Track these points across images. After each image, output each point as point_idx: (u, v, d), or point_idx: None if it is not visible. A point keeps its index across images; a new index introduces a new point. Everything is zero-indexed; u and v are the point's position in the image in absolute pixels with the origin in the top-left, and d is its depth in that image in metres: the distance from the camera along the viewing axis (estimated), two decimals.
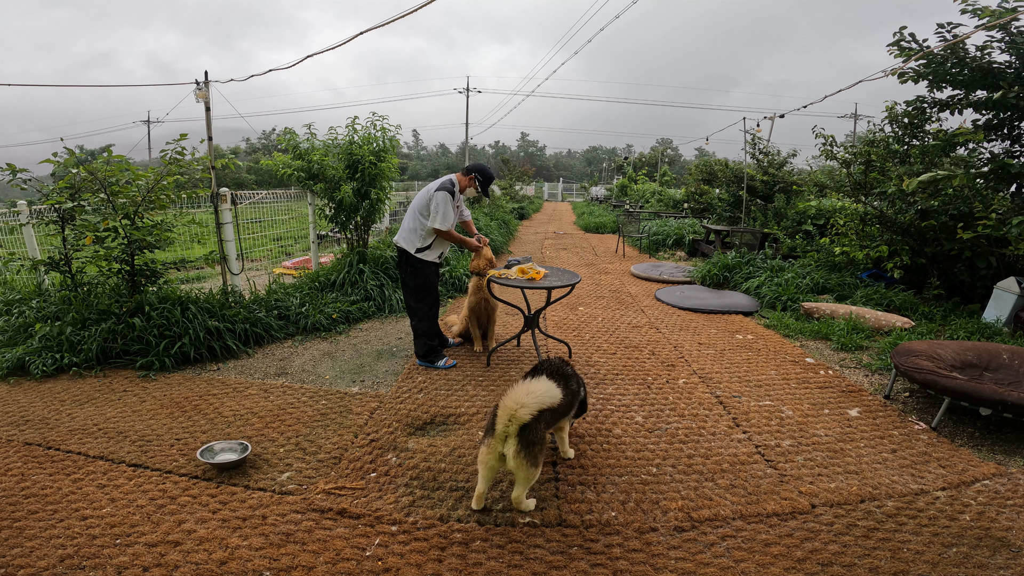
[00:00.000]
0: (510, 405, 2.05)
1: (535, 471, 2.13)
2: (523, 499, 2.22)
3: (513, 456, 2.06)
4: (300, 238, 8.74)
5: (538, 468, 2.15)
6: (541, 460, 2.16)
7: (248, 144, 50.00)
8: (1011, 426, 2.95)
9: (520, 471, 2.10)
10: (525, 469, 2.09)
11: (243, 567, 1.89)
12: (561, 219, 19.71)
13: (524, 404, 2.03)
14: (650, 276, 7.57)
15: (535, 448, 2.10)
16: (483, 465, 2.16)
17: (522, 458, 2.06)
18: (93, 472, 2.50)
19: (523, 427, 2.06)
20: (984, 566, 1.89)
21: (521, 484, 2.17)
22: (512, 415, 2.04)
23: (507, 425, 2.06)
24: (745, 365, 4.01)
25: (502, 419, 2.06)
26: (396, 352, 4.28)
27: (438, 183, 3.77)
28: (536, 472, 2.14)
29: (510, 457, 2.07)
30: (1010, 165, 4.81)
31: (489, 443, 2.11)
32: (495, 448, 2.09)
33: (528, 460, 2.08)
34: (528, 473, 2.11)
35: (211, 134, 4.66)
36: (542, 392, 2.07)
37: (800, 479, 2.47)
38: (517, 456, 2.06)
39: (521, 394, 2.06)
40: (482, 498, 2.23)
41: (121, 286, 4.32)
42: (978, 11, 4.82)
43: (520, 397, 2.05)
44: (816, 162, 11.02)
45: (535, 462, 2.11)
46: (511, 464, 2.09)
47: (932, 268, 5.68)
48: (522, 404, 2.03)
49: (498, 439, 2.08)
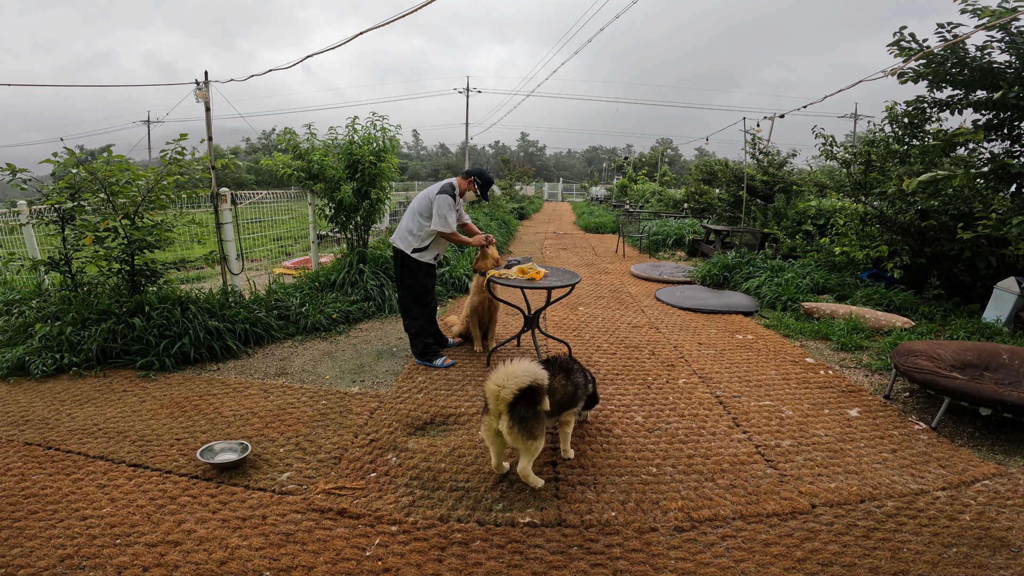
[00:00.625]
0: (492, 387, 2.20)
1: (534, 443, 2.25)
2: (529, 472, 2.33)
3: (507, 431, 2.21)
4: (300, 238, 8.74)
5: (537, 440, 2.26)
6: (540, 432, 2.27)
7: (248, 144, 49.99)
8: (1011, 426, 2.95)
9: (518, 444, 2.25)
10: (523, 442, 2.23)
11: (243, 567, 1.89)
12: (561, 219, 19.71)
13: (504, 385, 2.16)
14: (650, 276, 7.57)
15: (529, 422, 2.22)
16: (486, 439, 2.35)
17: (516, 432, 2.20)
18: (93, 472, 2.50)
19: (512, 404, 2.19)
20: (984, 566, 1.89)
21: (525, 456, 2.30)
22: (496, 395, 2.18)
23: (496, 404, 2.21)
24: (745, 365, 4.01)
25: (491, 400, 2.22)
26: (396, 352, 4.28)
27: (439, 187, 3.78)
28: (536, 444, 2.26)
29: (504, 433, 2.23)
30: (1010, 165, 4.81)
31: (485, 420, 2.29)
32: (491, 425, 2.27)
33: (523, 434, 2.21)
34: (527, 445, 2.24)
35: (211, 134, 4.66)
36: (521, 372, 2.18)
37: (800, 479, 2.47)
38: (511, 431, 2.21)
39: (500, 376, 2.19)
40: (500, 465, 2.44)
41: (121, 286, 4.32)
42: (978, 11, 4.81)
43: (500, 379, 2.19)
44: (816, 162, 11.03)
45: (531, 435, 2.23)
46: (508, 439, 2.24)
47: (932, 268, 5.68)
48: (502, 385, 2.17)
49: (492, 416, 2.25)
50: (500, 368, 2.22)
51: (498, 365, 2.24)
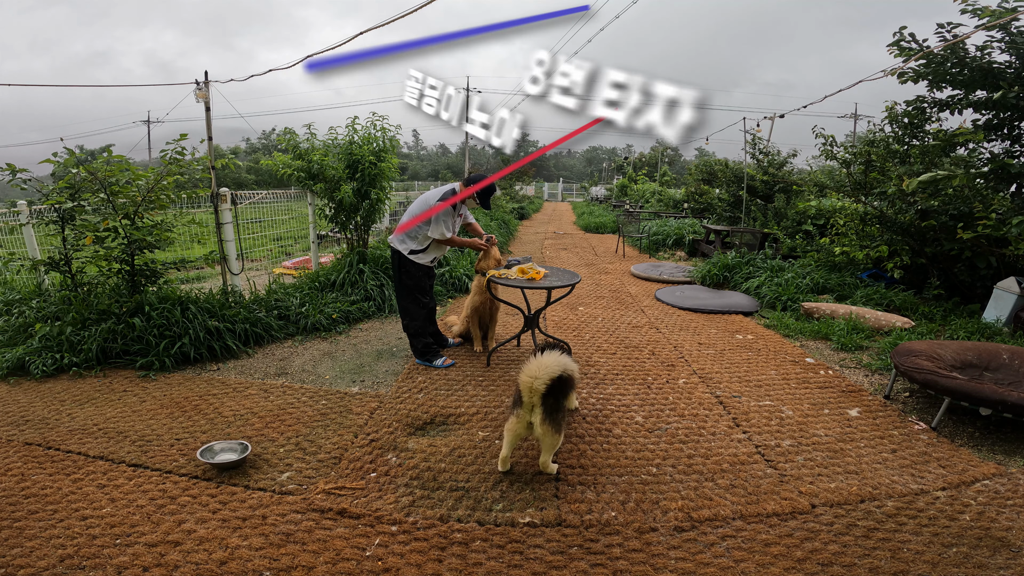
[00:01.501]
0: (525, 379, 2.30)
1: (559, 437, 2.39)
2: (549, 463, 2.48)
3: (540, 424, 2.32)
4: (300, 238, 8.74)
5: (560, 435, 2.40)
6: (563, 427, 2.41)
7: (248, 144, 49.94)
8: (1011, 426, 2.95)
9: (546, 438, 2.36)
10: (550, 436, 2.35)
11: (243, 567, 1.89)
12: (561, 219, 19.70)
13: (537, 376, 2.27)
14: (650, 276, 7.57)
15: (558, 415, 2.35)
16: (510, 432, 2.42)
17: (547, 425, 2.32)
18: (93, 472, 2.50)
19: (544, 396, 2.30)
20: (984, 566, 1.89)
21: (547, 450, 2.44)
22: (530, 387, 2.28)
23: (531, 396, 2.30)
24: (745, 365, 4.01)
25: (525, 392, 2.31)
26: (396, 352, 4.28)
27: (440, 194, 3.77)
28: (559, 439, 2.40)
29: (537, 425, 2.33)
30: (1010, 165, 4.81)
31: (519, 413, 2.36)
32: (523, 418, 2.35)
33: (552, 427, 2.33)
34: (553, 440, 2.37)
35: (211, 134, 4.65)
36: (552, 363, 2.30)
37: (800, 479, 2.47)
38: (543, 424, 2.32)
39: (533, 368, 2.30)
40: (506, 461, 2.50)
41: (121, 286, 4.32)
42: (978, 11, 4.81)
43: (533, 371, 2.29)
44: (816, 162, 11.03)
45: (558, 429, 2.37)
46: (538, 431, 2.34)
47: (932, 268, 5.68)
48: (535, 376, 2.27)
49: (526, 410, 2.34)
50: (532, 361, 2.33)
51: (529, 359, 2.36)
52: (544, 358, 2.32)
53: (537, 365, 2.29)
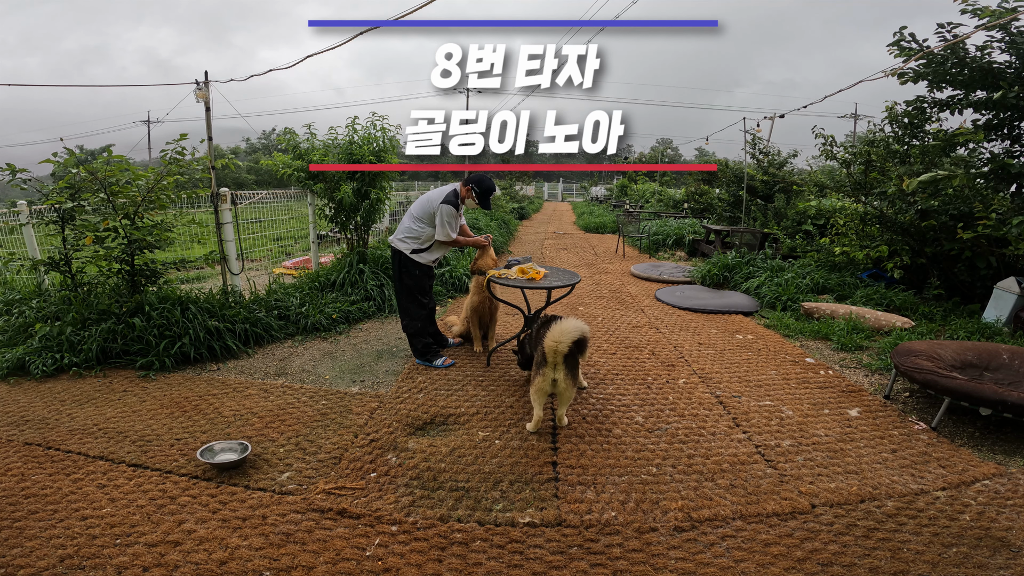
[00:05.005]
0: (550, 343, 2.64)
1: (574, 391, 2.83)
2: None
3: (563, 379, 2.71)
4: (300, 238, 8.73)
5: (575, 388, 2.85)
6: (577, 381, 2.89)
7: (248, 144, 49.95)
8: (1011, 426, 2.95)
9: (567, 392, 2.76)
10: (570, 389, 2.77)
11: (243, 567, 1.89)
12: (561, 219, 19.70)
13: (560, 339, 2.62)
14: (650, 276, 7.57)
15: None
16: (539, 392, 2.77)
17: (569, 381, 2.73)
18: (93, 472, 2.50)
19: (566, 356, 2.66)
20: (984, 566, 1.89)
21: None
22: (555, 350, 2.62)
23: (555, 356, 2.65)
24: (745, 365, 4.01)
25: (550, 354, 2.65)
26: (396, 352, 4.28)
27: (442, 195, 3.76)
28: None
29: (560, 380, 2.71)
30: (1010, 165, 4.81)
31: (544, 372, 2.71)
32: (548, 376, 2.71)
33: (572, 382, 2.76)
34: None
35: (211, 134, 4.65)
36: (571, 328, 2.66)
37: (800, 479, 2.47)
38: (566, 379, 2.72)
39: (556, 332, 2.64)
40: (539, 422, 2.85)
41: (121, 286, 4.32)
42: (978, 11, 4.81)
43: (556, 335, 2.64)
44: (816, 162, 11.02)
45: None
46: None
47: (932, 268, 5.68)
48: (559, 340, 2.62)
49: (550, 367, 2.69)
50: (554, 326, 2.68)
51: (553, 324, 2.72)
52: (564, 323, 2.66)
53: (560, 330, 2.64)
